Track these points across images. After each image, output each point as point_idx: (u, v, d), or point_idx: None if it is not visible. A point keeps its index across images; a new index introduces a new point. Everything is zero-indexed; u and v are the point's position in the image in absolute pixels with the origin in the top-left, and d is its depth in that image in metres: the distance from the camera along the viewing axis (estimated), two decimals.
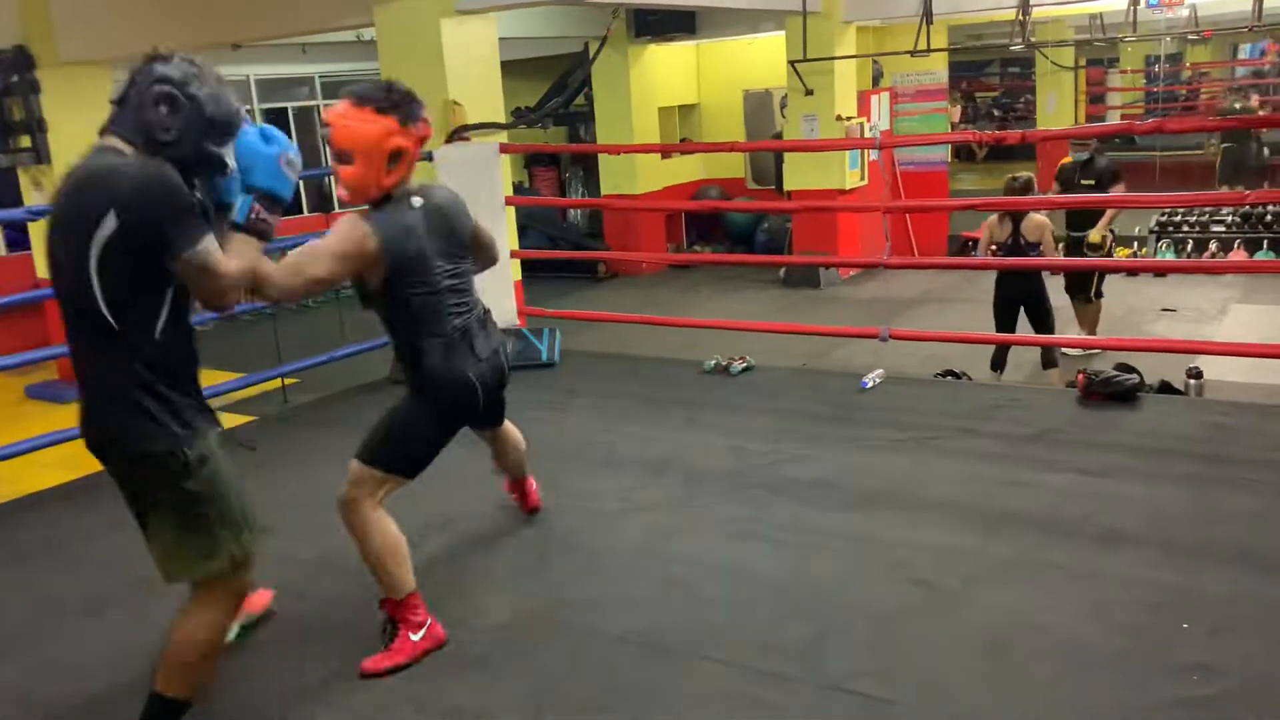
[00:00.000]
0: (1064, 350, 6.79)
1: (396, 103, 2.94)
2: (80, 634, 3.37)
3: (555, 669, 2.92)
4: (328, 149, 2.85)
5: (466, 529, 3.92)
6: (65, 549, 4.07)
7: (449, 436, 3.24)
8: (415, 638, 2.99)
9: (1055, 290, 6.77)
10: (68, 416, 5.68)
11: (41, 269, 8.05)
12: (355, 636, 3.13)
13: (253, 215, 2.51)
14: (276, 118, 12.57)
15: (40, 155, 7.54)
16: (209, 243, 2.37)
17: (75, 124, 7.62)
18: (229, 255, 2.43)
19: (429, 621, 3.03)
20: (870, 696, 2.67)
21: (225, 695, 2.90)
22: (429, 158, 5.93)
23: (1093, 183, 7.45)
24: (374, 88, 2.98)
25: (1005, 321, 6.47)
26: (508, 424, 3.72)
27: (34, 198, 7.82)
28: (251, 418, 5.99)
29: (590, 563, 3.56)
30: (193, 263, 2.34)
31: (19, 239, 9.82)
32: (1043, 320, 6.38)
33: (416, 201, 3.07)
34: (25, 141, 7.55)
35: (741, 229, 12.13)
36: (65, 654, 3.25)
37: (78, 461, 5.05)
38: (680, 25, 11.06)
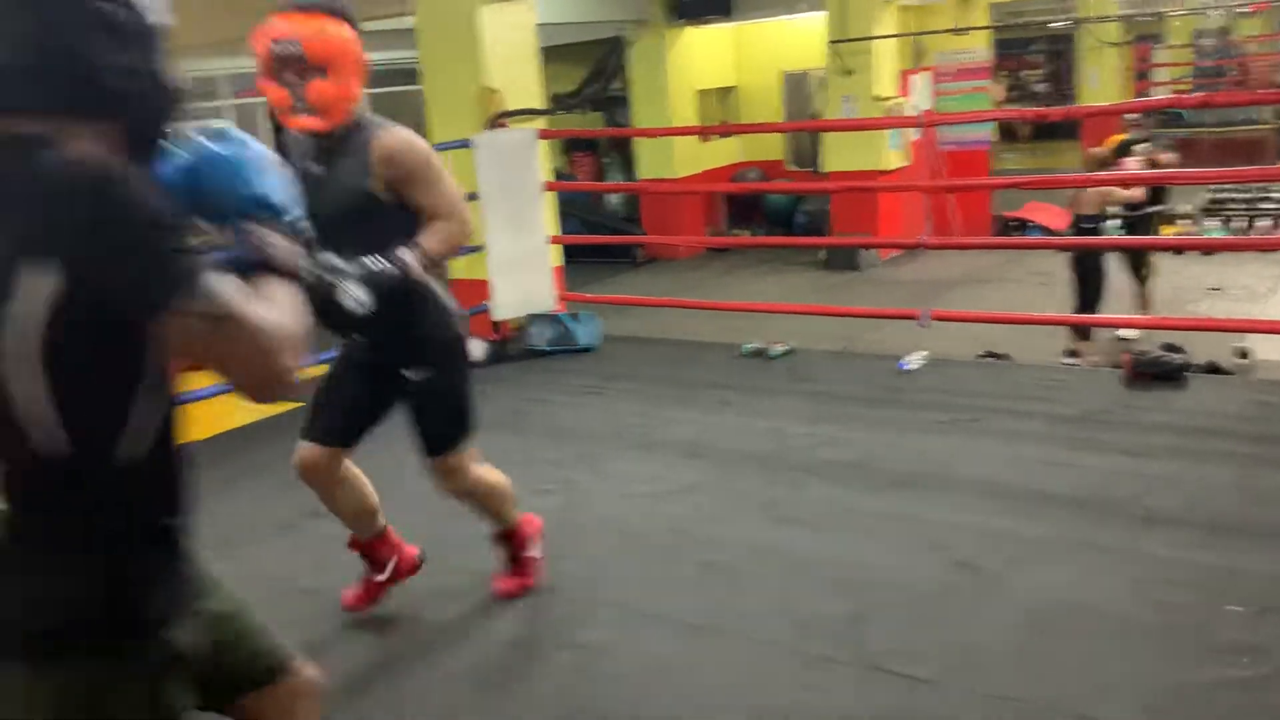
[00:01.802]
0: (1120, 333, 6.71)
1: (350, 14, 2.64)
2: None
3: (593, 647, 2.95)
4: (281, 66, 2.45)
5: None
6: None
7: None
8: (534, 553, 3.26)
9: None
10: None
11: None
12: (392, 611, 3.17)
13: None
14: None
15: None
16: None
17: None
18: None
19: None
20: (911, 677, 2.67)
21: None
22: (468, 144, 5.98)
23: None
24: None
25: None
26: None
27: None
28: (298, 404, 6.07)
29: (628, 544, 3.59)
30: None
31: None
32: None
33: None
34: None
35: (781, 211, 12.06)
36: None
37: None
38: (717, 7, 11.00)
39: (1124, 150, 6.60)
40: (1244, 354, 6.07)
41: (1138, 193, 6.52)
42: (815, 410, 4.77)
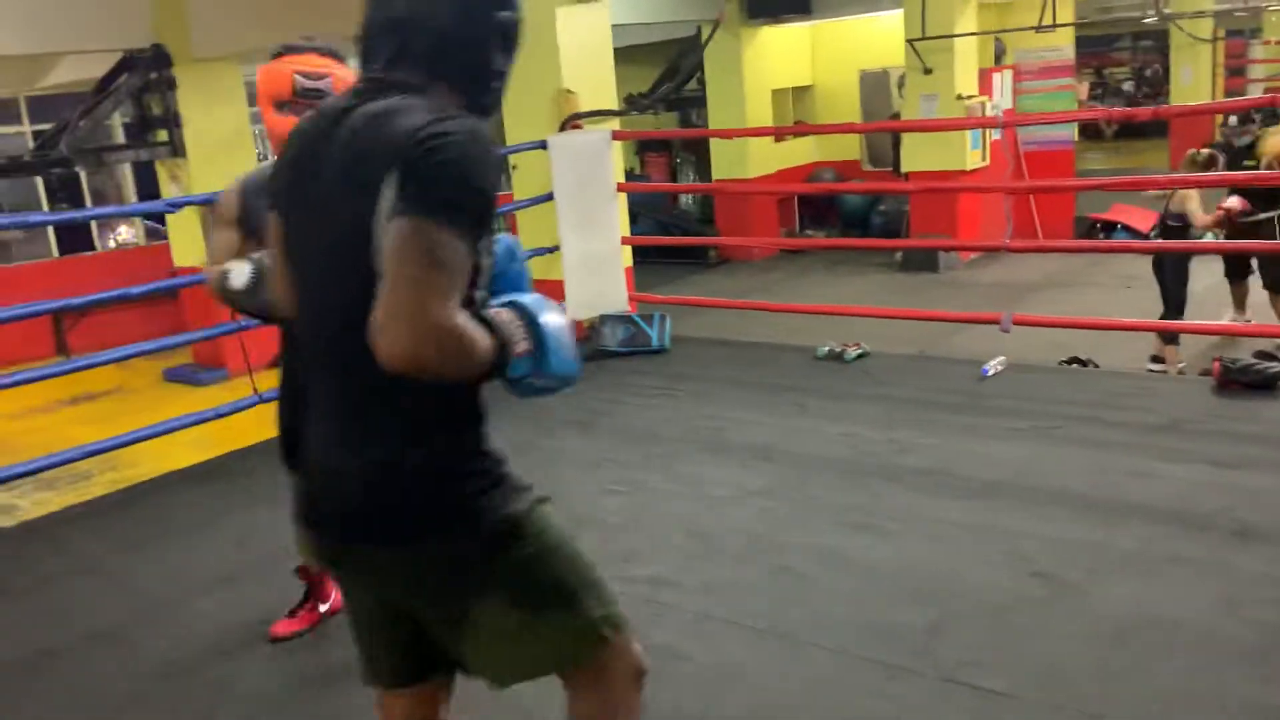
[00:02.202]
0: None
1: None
2: (217, 605, 3.53)
3: (667, 650, 2.93)
4: (304, 100, 2.51)
5: (573, 512, 3.97)
6: (202, 524, 4.27)
7: None
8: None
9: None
10: (203, 399, 5.94)
11: (181, 257, 8.45)
12: None
13: None
14: None
15: (176, 149, 7.90)
16: None
17: (208, 118, 8.01)
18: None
19: None
20: (987, 689, 2.61)
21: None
22: (543, 145, 6.02)
23: (1255, 164, 6.77)
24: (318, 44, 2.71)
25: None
26: None
27: (171, 190, 8.20)
28: None
29: (701, 547, 3.57)
30: None
31: (157, 229, 10.34)
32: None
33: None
34: (162, 136, 7.92)
35: (856, 212, 11.93)
36: (202, 623, 3.41)
37: (209, 443, 5.34)
38: (795, 5, 10.93)
39: (1212, 161, 6.36)
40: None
41: (1234, 202, 6.28)
42: (891, 415, 4.70)
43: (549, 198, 6.05)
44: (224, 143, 8.06)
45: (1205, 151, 6.51)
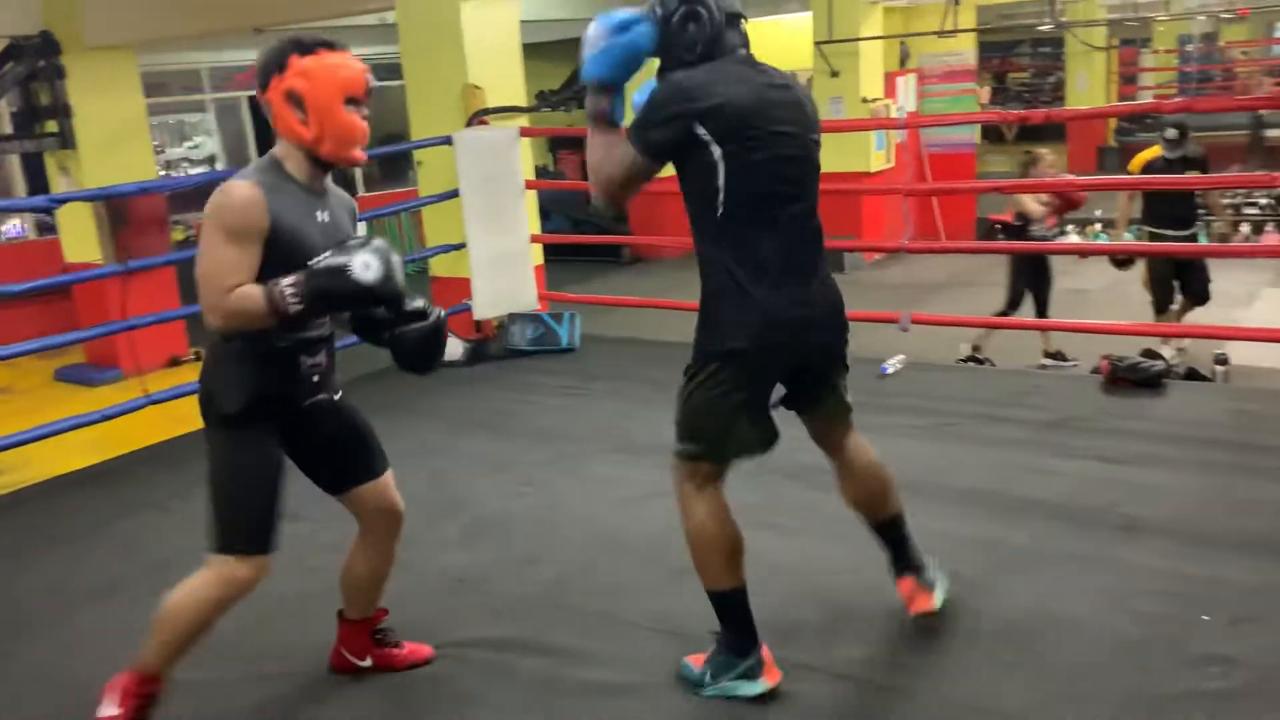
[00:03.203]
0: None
1: None
2: (96, 617, 3.40)
3: (569, 654, 2.92)
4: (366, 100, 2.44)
5: (480, 513, 3.93)
6: (88, 531, 4.12)
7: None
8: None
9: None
10: (94, 400, 5.74)
11: (73, 252, 8.14)
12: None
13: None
14: None
15: (66, 140, 7.61)
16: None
17: (101, 109, 7.73)
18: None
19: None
20: (884, 686, 2.66)
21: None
22: (448, 141, 5.94)
23: (1197, 174, 6.74)
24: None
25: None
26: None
27: (60, 183, 7.90)
28: None
29: (604, 548, 3.56)
30: None
31: (48, 223, 9.93)
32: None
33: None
34: (52, 127, 7.62)
35: None
36: (80, 637, 3.29)
37: (103, 445, 5.15)
38: None
39: (1032, 160, 6.70)
40: (1223, 360, 6.09)
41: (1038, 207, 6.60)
42: (793, 414, 4.74)
43: (455, 194, 5.98)
44: (117, 134, 7.79)
45: (1029, 152, 6.86)
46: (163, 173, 11.18)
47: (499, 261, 6.03)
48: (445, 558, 3.58)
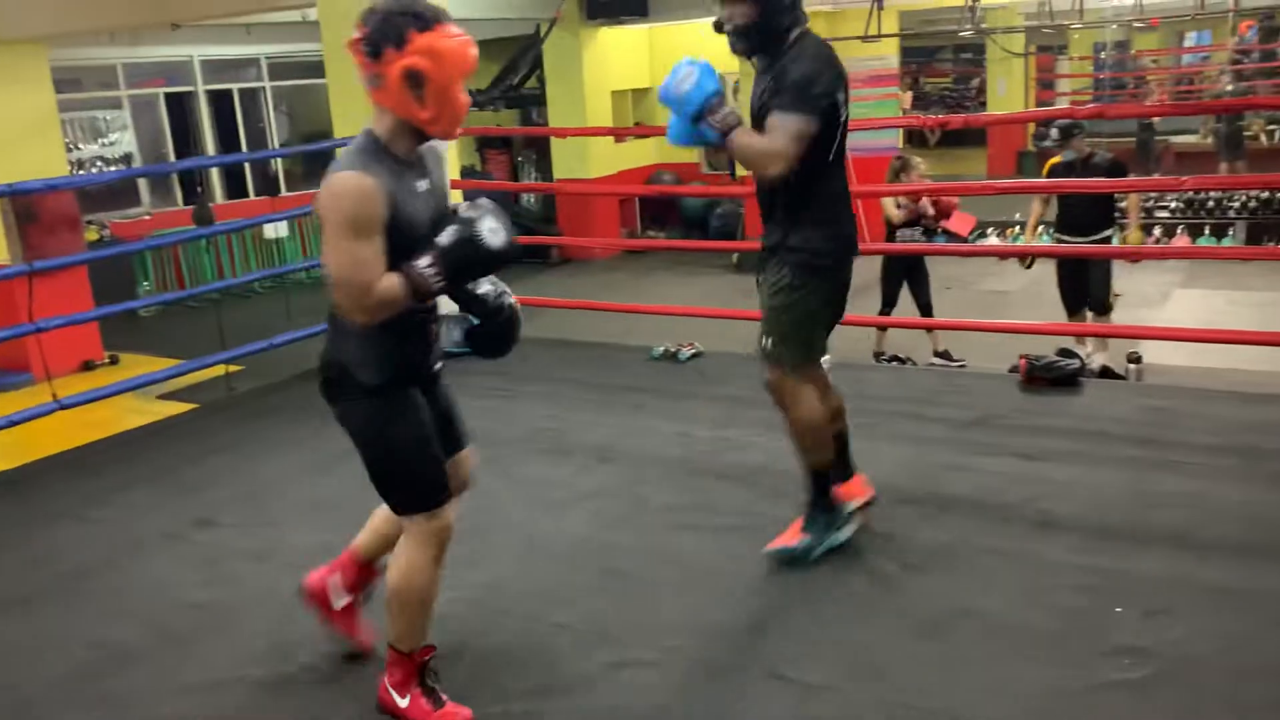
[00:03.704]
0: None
1: None
2: (11, 630, 3.28)
3: (493, 659, 2.89)
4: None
5: None
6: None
7: None
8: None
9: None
10: (2, 405, 5.52)
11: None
12: (284, 625, 3.08)
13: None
14: (221, 99, 12.35)
15: None
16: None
17: (8, 103, 7.46)
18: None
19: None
20: (809, 684, 2.68)
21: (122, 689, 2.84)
22: None
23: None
24: None
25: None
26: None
27: None
28: (194, 405, 5.89)
29: (533, 552, 3.54)
30: None
31: None
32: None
33: None
34: None
35: (696, 214, 12.13)
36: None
37: (13, 452, 4.97)
38: (632, 8, 11.00)
39: (904, 167, 6.90)
40: (1136, 359, 6.27)
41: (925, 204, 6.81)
42: (723, 414, 4.77)
43: None
44: (26, 130, 7.53)
45: (901, 158, 7.07)
46: (77, 171, 10.85)
47: None
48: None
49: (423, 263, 2.30)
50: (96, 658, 3.04)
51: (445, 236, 2.34)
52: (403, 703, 2.58)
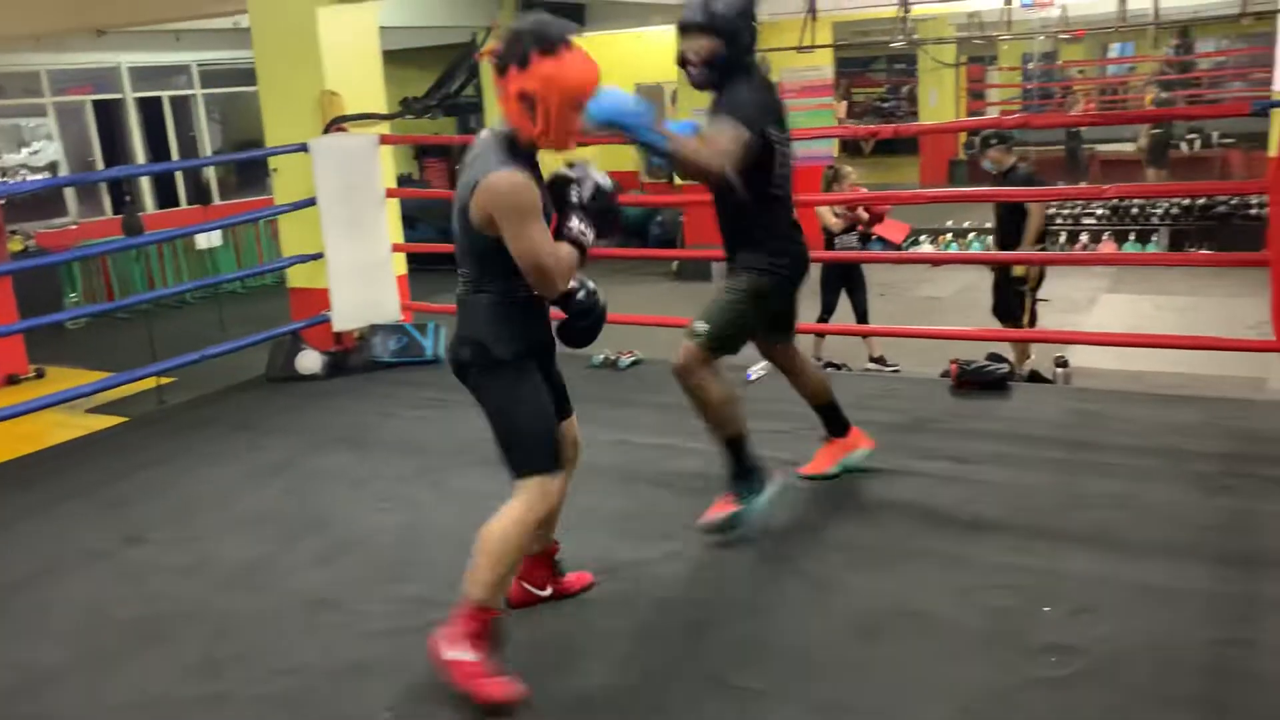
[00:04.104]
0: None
1: None
2: None
3: (428, 676, 2.86)
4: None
5: (339, 532, 3.83)
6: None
7: None
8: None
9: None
10: None
11: None
12: (215, 641, 3.03)
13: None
14: (151, 107, 12.11)
15: None
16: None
17: None
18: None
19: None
20: (747, 688, 2.70)
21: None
22: (304, 148, 5.79)
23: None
24: None
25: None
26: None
27: None
28: (123, 419, 5.77)
29: (467, 565, 3.50)
30: None
31: None
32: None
33: None
34: None
35: (636, 222, 12.15)
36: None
37: None
38: (569, 17, 10.93)
39: (836, 177, 7.07)
40: (1064, 363, 6.41)
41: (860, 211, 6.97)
42: (662, 421, 4.78)
43: (312, 203, 5.82)
44: None
45: (833, 168, 7.23)
46: (0, 179, 10.56)
47: (359, 271, 5.90)
48: (304, 577, 3.48)
49: (570, 224, 2.67)
50: (17, 679, 2.96)
51: (574, 195, 2.71)
52: (464, 656, 2.67)
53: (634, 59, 12.45)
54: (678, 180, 10.28)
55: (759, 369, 5.40)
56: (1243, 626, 2.86)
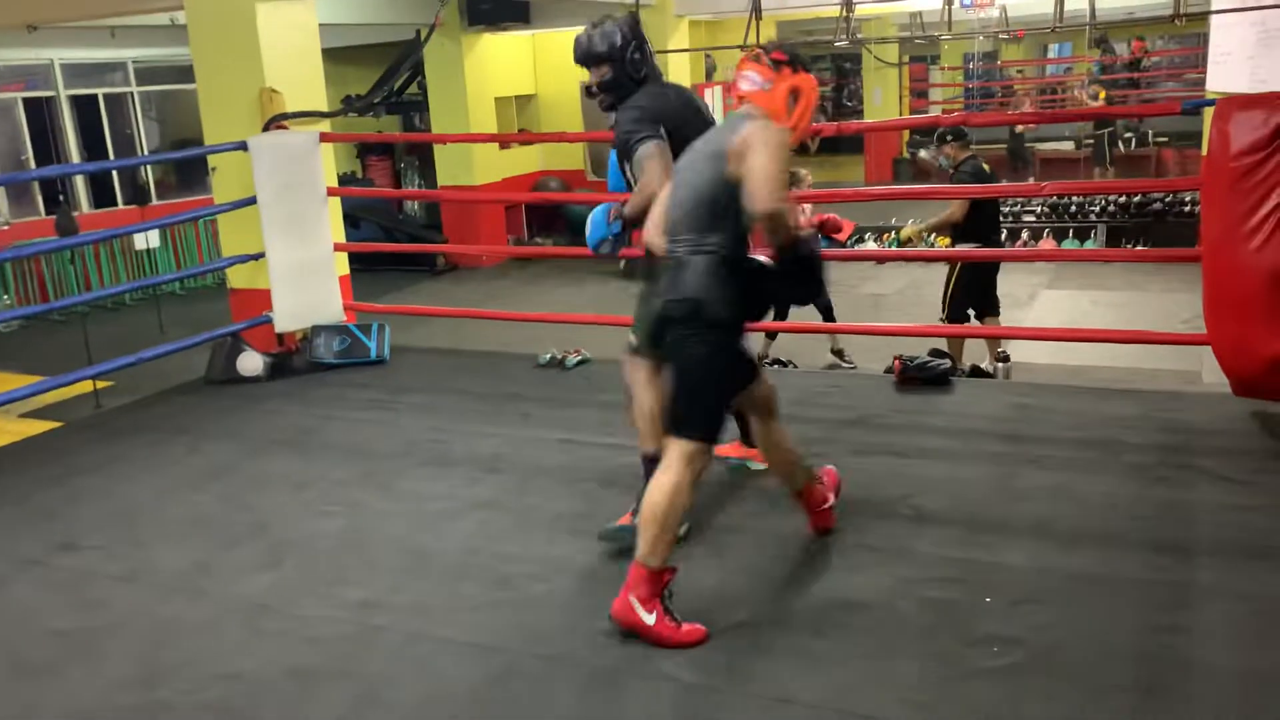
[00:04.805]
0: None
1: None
2: None
3: (378, 676, 2.84)
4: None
5: (282, 536, 3.77)
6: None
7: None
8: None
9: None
10: None
11: None
12: (155, 649, 2.97)
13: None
14: (86, 104, 11.83)
15: None
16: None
17: None
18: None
19: None
20: (690, 684, 2.70)
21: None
22: (243, 147, 5.70)
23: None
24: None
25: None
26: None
27: None
28: (58, 424, 5.63)
29: (417, 566, 3.48)
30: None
31: None
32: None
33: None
34: None
35: (582, 221, 12.10)
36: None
37: None
38: (514, 15, 10.96)
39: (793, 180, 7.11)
40: (1004, 358, 6.51)
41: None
42: (609, 420, 4.77)
43: (252, 201, 5.73)
44: None
45: (790, 173, 7.22)
46: None
47: (301, 271, 5.82)
48: (246, 583, 3.42)
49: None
50: None
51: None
52: (649, 618, 2.84)
53: None
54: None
55: None
56: (1179, 614, 2.92)
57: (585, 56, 3.56)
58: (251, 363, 5.71)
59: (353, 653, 2.96)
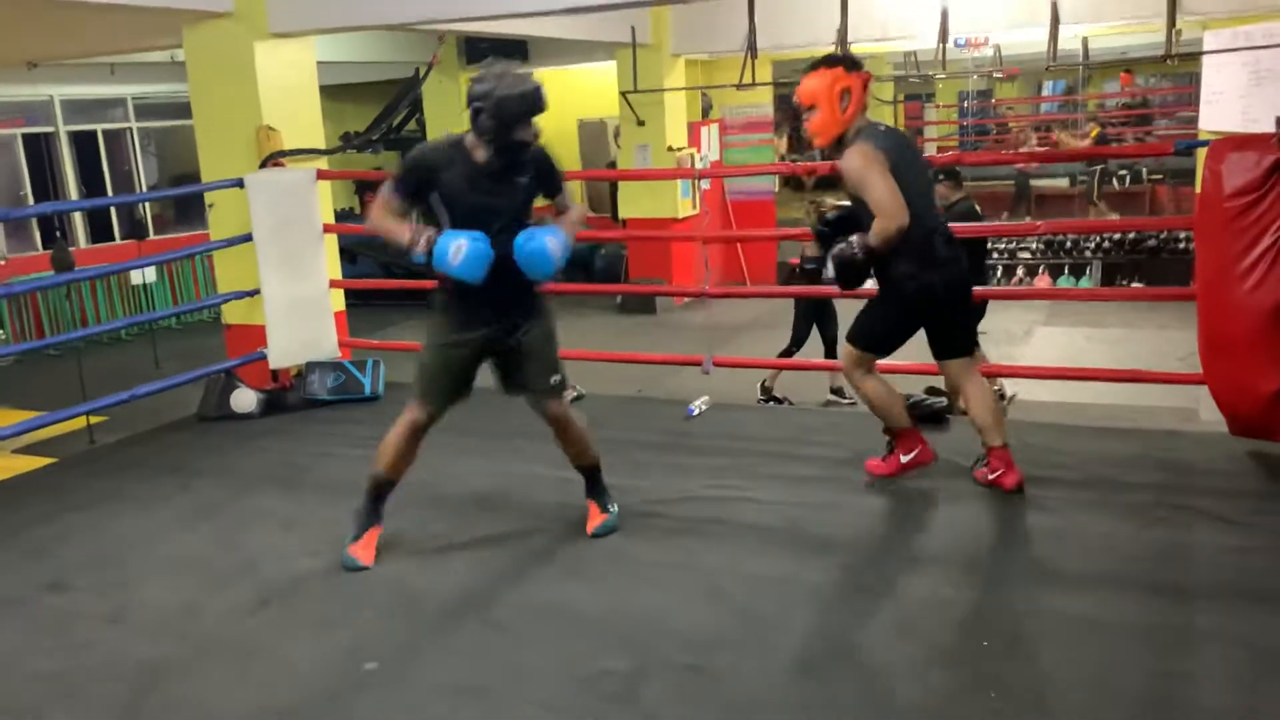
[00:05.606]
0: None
1: (841, 59, 3.94)
2: None
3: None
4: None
5: (270, 576, 3.73)
6: None
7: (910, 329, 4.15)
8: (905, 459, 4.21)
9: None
10: None
11: None
12: (139, 692, 2.92)
13: None
14: (85, 140, 11.89)
15: None
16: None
17: None
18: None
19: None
20: None
21: None
22: (240, 184, 5.71)
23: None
24: (825, 56, 3.96)
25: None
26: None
27: None
28: (52, 460, 5.59)
29: (406, 607, 3.44)
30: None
31: None
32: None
33: (881, 126, 3.99)
34: None
35: (579, 255, 12.14)
36: None
37: None
38: (512, 53, 11.03)
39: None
40: (1002, 396, 6.48)
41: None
42: (604, 457, 4.74)
43: (248, 238, 5.74)
44: None
45: (814, 201, 7.31)
46: None
47: (296, 308, 5.82)
48: (234, 625, 3.38)
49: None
50: None
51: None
52: (999, 473, 4.03)
53: (576, 95, 12.50)
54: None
55: (700, 403, 5.41)
56: (1178, 657, 2.89)
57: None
58: (245, 399, 5.68)
59: (342, 698, 2.92)
